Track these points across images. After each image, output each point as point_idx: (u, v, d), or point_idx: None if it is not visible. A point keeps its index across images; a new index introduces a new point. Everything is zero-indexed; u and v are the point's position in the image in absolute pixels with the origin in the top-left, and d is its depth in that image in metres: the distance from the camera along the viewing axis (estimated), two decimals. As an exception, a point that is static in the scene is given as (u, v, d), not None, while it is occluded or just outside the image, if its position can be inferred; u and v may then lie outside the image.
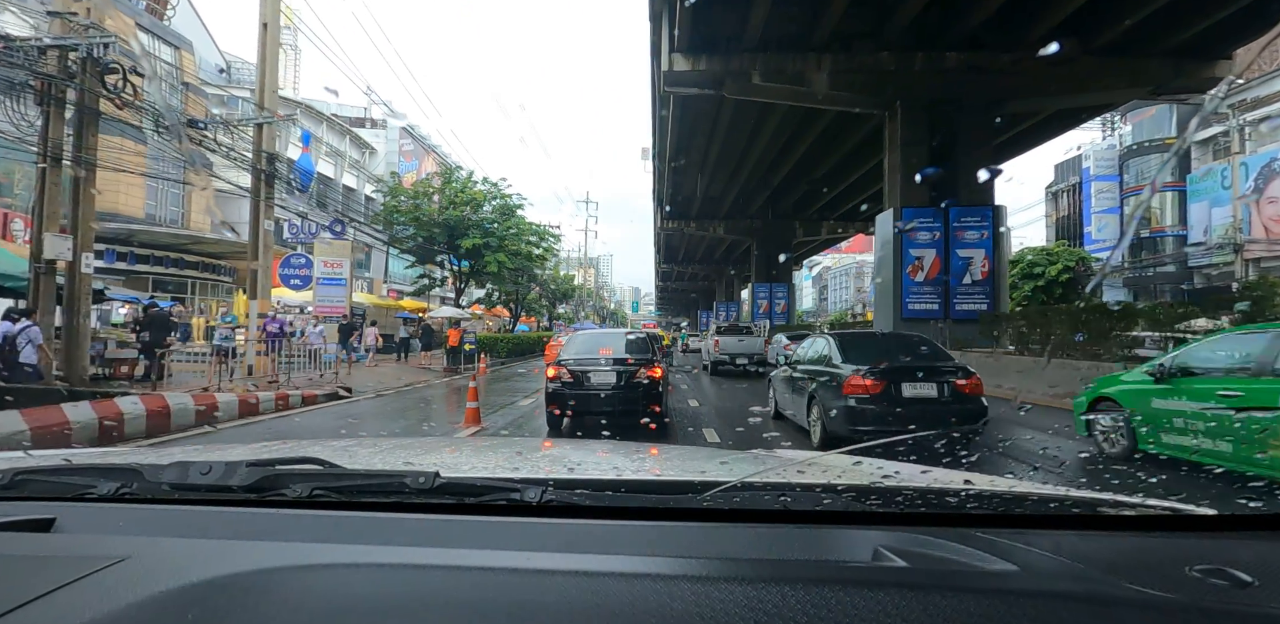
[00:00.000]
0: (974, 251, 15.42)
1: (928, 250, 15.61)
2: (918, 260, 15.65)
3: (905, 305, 15.68)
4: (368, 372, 15.26)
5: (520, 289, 34.70)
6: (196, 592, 0.65)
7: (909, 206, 15.70)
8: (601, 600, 0.63)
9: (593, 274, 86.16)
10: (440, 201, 22.15)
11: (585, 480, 1.03)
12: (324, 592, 0.66)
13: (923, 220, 15.61)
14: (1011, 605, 0.62)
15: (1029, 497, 0.97)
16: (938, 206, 15.49)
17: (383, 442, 1.73)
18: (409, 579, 0.69)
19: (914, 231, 15.63)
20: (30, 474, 0.99)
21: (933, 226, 15.59)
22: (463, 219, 22.11)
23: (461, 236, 21.67)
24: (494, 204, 23.45)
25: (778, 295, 38.64)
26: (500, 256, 21.75)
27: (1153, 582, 0.67)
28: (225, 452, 1.44)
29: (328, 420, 8.67)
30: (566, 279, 48.97)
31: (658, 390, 6.96)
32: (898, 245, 15.72)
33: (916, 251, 15.67)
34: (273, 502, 0.92)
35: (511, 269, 23.46)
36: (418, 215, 21.47)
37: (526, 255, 24.82)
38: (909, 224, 15.58)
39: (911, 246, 15.70)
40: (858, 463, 1.26)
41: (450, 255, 22.78)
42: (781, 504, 0.89)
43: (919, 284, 15.64)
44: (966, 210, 15.51)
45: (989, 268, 15.41)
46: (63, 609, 0.62)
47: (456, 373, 16.99)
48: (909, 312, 15.64)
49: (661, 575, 0.69)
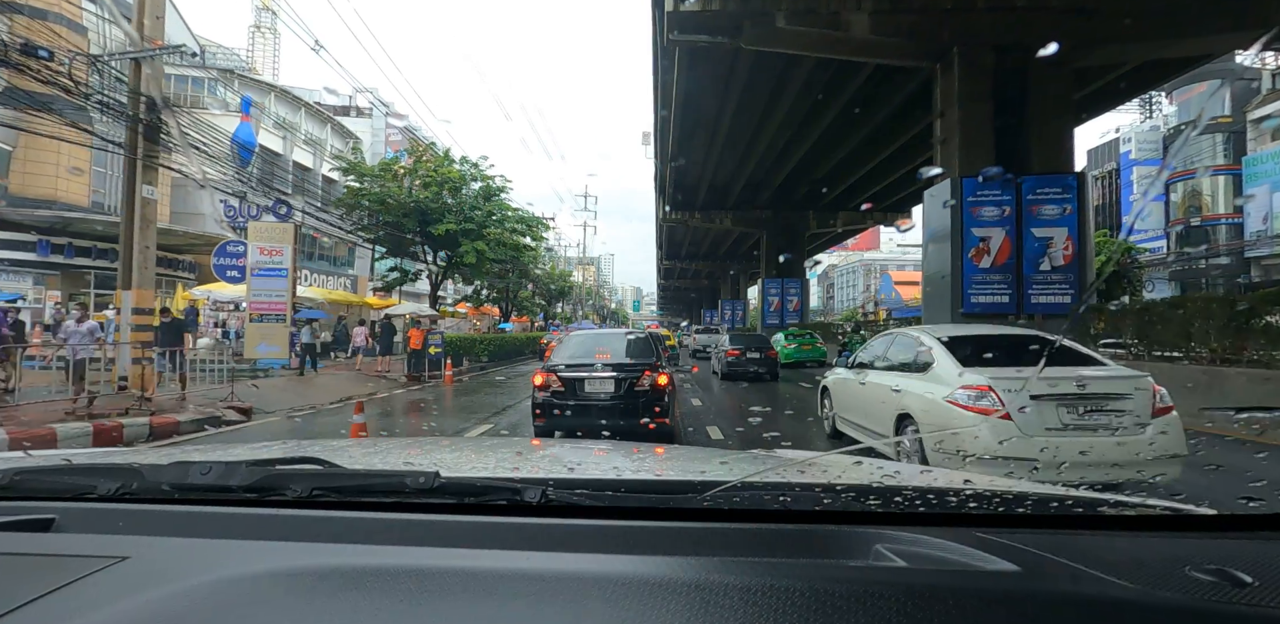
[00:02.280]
0: (1054, 231, 12.44)
1: (995, 229, 12.64)
2: (983, 243, 12.68)
3: (966, 298, 12.72)
4: (301, 383, 12.33)
5: (510, 285, 31.79)
6: (196, 592, 0.65)
7: (970, 176, 12.74)
8: (602, 600, 0.63)
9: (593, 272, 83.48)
10: (410, 182, 19.21)
11: (585, 480, 1.04)
12: (324, 592, 0.66)
13: (988, 193, 12.65)
14: (1011, 605, 0.62)
15: (1029, 497, 0.97)
16: (1008, 176, 12.55)
17: (383, 442, 1.82)
18: (409, 579, 0.68)
19: (978, 207, 12.67)
20: (30, 474, 1.00)
21: (1001, 200, 12.62)
22: (437, 201, 19.18)
23: (435, 222, 18.76)
24: (475, 187, 20.51)
25: (790, 292, 35.70)
26: (479, 245, 18.81)
27: (1153, 582, 0.67)
28: (225, 451, 1.51)
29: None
30: (563, 275, 45.92)
31: (664, 400, 6.01)
32: (957, 225, 12.76)
33: (981, 231, 12.70)
34: (273, 502, 0.92)
35: (494, 260, 20.46)
36: (385, 197, 18.56)
37: (512, 245, 21.86)
38: (971, 197, 12.62)
39: (975, 225, 12.73)
40: (858, 463, 1.28)
41: (425, 245, 19.89)
42: (781, 504, 0.89)
43: (984, 271, 12.68)
44: (1043, 179, 12.54)
45: (1073, 250, 12.44)
46: (62, 609, 0.62)
47: (419, 381, 14.07)
48: (971, 306, 12.68)
49: (661, 575, 0.69)
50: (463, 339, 18.63)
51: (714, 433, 7.21)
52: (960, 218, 12.74)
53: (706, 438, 6.88)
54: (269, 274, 14.64)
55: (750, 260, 50.51)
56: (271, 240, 14.69)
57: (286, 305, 14.67)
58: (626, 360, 6.24)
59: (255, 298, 14.58)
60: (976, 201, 12.66)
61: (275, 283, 14.67)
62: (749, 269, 53.57)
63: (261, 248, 14.61)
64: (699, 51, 16.00)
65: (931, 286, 14.03)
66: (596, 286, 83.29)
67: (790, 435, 6.84)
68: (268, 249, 14.64)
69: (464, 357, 18.22)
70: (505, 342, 22.05)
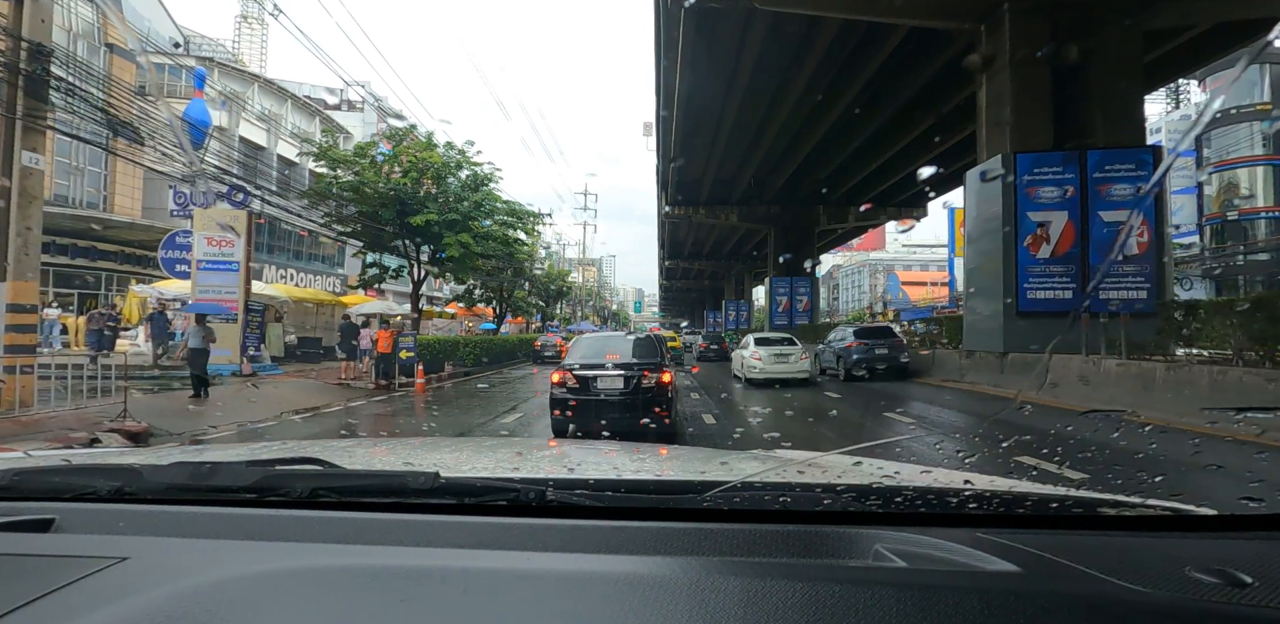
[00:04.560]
0: (1125, 214, 10.63)
1: (1056, 213, 10.82)
2: (1041, 229, 10.87)
3: (1022, 293, 10.91)
4: (241, 394, 10.51)
5: (505, 283, 29.97)
6: (196, 592, 0.65)
7: (1026, 151, 10.93)
8: (602, 601, 0.63)
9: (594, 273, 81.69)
10: (389, 169, 17.38)
11: (585, 480, 1.02)
12: (324, 592, 0.66)
13: (1047, 170, 10.83)
14: (1011, 605, 0.61)
15: (1029, 497, 0.97)
16: (1071, 151, 10.74)
17: (383, 442, 1.81)
18: (409, 579, 0.67)
19: (1035, 187, 10.85)
20: (29, 474, 1.01)
21: (1063, 179, 10.80)
22: (419, 189, 17.37)
23: (415, 213, 16.95)
24: (462, 176, 18.69)
25: (799, 291, 33.97)
26: (463, 237, 16.96)
27: (1153, 582, 0.66)
28: (225, 452, 1.51)
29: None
30: (561, 274, 44.05)
31: (667, 396, 6.58)
32: (1010, 209, 10.95)
33: (1039, 216, 10.89)
34: (273, 502, 0.92)
35: (481, 255, 18.60)
36: (359, 185, 16.75)
37: (501, 239, 20.02)
38: (1027, 176, 10.80)
39: (1031, 208, 10.92)
40: (858, 463, 1.29)
41: (407, 239, 18.09)
42: (781, 504, 0.89)
43: (1043, 262, 10.86)
44: (1113, 154, 10.73)
45: (1148, 237, 10.64)
46: (62, 609, 0.62)
47: (389, 390, 12.25)
48: (1028, 303, 10.86)
49: (662, 575, 0.68)
50: (443, 342, 16.79)
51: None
52: (1014, 200, 10.93)
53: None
54: (217, 267, 12.86)
55: (755, 260, 48.88)
56: (222, 230, 12.90)
57: (239, 303, 12.88)
58: (634, 360, 6.75)
59: (202, 294, 12.80)
60: (1033, 181, 10.85)
61: (224, 277, 12.88)
62: (754, 269, 51.98)
63: (209, 238, 12.83)
64: (707, 24, 14.27)
65: (976, 283, 12.22)
66: (597, 287, 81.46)
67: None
68: (216, 239, 12.85)
69: (446, 361, 16.41)
70: (494, 344, 20.19)
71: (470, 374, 16.76)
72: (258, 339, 12.99)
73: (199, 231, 12.78)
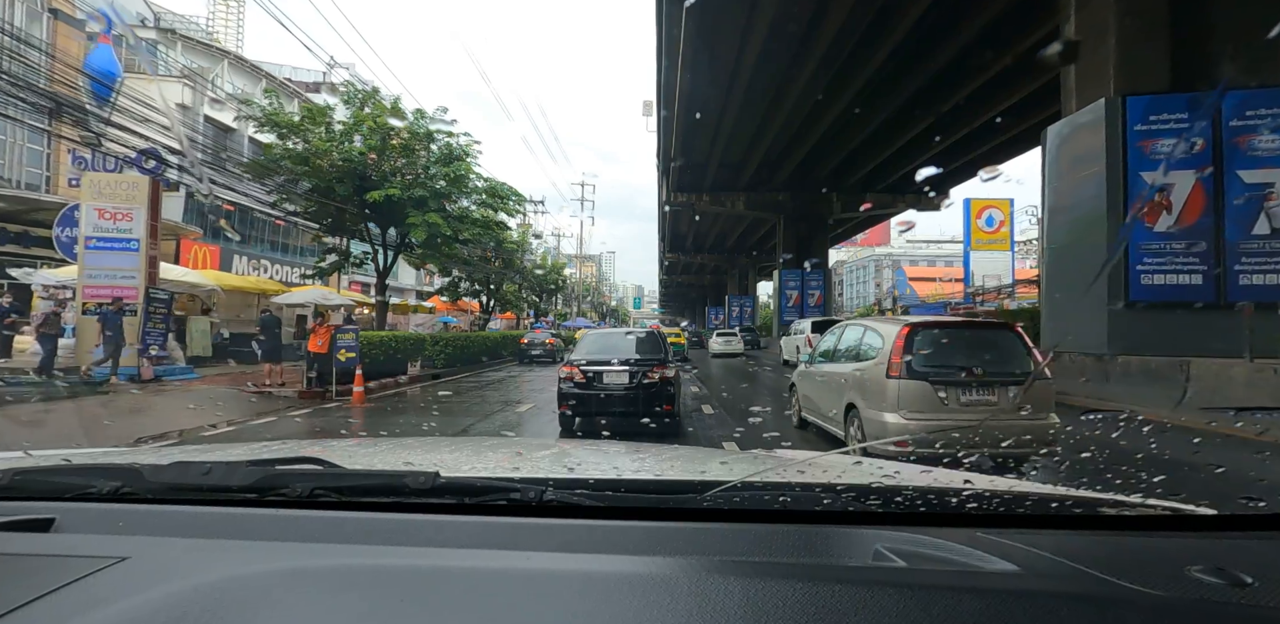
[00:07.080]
0: (1275, 173, 8.11)
1: (1180, 174, 8.30)
2: (1161, 194, 8.33)
3: (1134, 278, 8.40)
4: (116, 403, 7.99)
5: (492, 275, 27.43)
6: (196, 592, 0.64)
7: (1135, 94, 8.40)
8: (602, 601, 0.63)
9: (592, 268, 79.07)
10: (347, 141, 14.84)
11: (585, 480, 1.02)
12: (324, 592, 0.65)
13: (1168, 117, 8.31)
14: (1011, 605, 0.61)
15: (1029, 497, 0.96)
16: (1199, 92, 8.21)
17: (382, 441, 1.74)
18: (409, 579, 0.67)
19: (1149, 139, 8.32)
20: (30, 474, 0.99)
21: (1190, 129, 8.27)
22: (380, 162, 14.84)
23: (375, 188, 14.43)
24: (434, 149, 16.14)
25: (810, 284, 31.52)
26: (431, 217, 14.43)
27: (1153, 582, 0.66)
28: (225, 452, 1.48)
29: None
30: (557, 267, 41.48)
31: (670, 390, 6.71)
32: (1117, 168, 8.43)
33: (1156, 177, 8.36)
34: (273, 502, 0.91)
35: (453, 238, 16.00)
36: (310, 154, 14.21)
37: (480, 221, 17.46)
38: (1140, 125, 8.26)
39: (1145, 168, 8.39)
40: (858, 463, 1.27)
41: (366, 219, 15.57)
42: (781, 504, 0.88)
43: (1162, 237, 8.34)
44: (1261, 95, 8.20)
45: (1306, 204, 8.10)
46: (63, 609, 0.62)
47: (321, 400, 9.73)
48: (1141, 291, 8.35)
49: (661, 575, 0.68)
50: (403, 338, 14.23)
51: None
52: (1122, 158, 8.40)
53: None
54: (110, 246, 10.31)
55: (760, 253, 46.45)
56: (117, 199, 10.36)
57: (138, 291, 10.35)
58: (638, 357, 6.89)
59: (91, 280, 10.26)
60: (1149, 130, 8.31)
61: (120, 259, 10.34)
62: (758, 263, 49.59)
63: (101, 211, 10.27)
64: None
65: (1058, 265, 9.69)
66: (595, 282, 78.85)
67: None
68: (111, 212, 10.30)
69: (409, 362, 13.89)
70: (471, 342, 17.60)
71: (439, 377, 14.24)
72: (162, 336, 10.46)
73: (88, 202, 10.23)
